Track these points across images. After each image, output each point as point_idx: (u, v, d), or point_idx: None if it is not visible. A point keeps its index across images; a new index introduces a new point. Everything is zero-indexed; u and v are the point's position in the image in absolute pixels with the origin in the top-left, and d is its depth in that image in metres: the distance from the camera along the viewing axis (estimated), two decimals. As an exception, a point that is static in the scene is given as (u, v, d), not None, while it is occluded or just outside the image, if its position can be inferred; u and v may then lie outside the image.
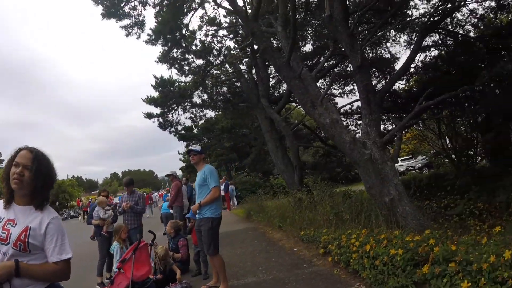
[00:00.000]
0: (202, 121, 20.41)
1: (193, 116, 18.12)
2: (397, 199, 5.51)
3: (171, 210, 8.87)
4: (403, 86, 12.17)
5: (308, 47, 13.55)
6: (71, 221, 27.62)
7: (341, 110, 12.95)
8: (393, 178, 5.73)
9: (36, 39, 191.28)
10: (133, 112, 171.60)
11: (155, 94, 15.86)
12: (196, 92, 15.99)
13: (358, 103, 9.33)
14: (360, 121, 9.98)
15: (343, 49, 7.94)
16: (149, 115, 16.74)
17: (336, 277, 4.58)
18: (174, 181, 8.79)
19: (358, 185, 14.00)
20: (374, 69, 11.88)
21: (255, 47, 12.37)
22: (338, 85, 14.42)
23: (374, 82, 11.72)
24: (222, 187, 18.40)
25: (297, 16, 10.54)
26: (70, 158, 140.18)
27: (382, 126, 11.04)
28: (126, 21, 11.48)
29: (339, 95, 14.81)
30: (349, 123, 14.17)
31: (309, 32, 12.31)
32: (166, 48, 13.45)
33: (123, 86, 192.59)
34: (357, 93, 10.16)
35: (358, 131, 12.87)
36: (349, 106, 12.82)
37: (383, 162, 5.91)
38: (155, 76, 15.42)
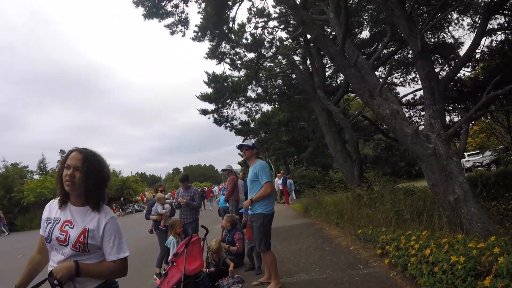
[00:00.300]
0: (258, 115, 20.41)
1: (248, 110, 18.18)
2: (462, 199, 5.01)
3: (227, 204, 9.07)
4: (469, 74, 11.12)
5: (365, 34, 12.84)
6: (135, 215, 28.83)
7: (403, 100, 12.21)
8: (459, 175, 5.21)
9: (94, 48, 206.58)
10: (191, 109, 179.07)
11: (209, 90, 15.93)
12: (250, 86, 15.81)
13: (421, 92, 8.67)
14: (424, 112, 9.27)
15: (402, 34, 7.39)
16: (204, 112, 16.93)
17: (392, 281, 4.32)
18: (230, 175, 8.94)
19: (421, 181, 13.07)
20: (436, 55, 10.92)
21: (308, 36, 11.90)
22: (399, 73, 13.51)
23: (437, 70, 10.77)
24: (280, 181, 18.42)
25: (351, 1, 9.99)
26: (135, 156, 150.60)
27: (447, 118, 10.20)
28: (169, 20, 11.32)
29: (400, 84, 13.85)
30: (412, 114, 13.28)
31: (364, 17, 11.62)
32: (213, 44, 13.21)
33: (178, 84, 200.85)
34: (419, 82, 9.43)
35: (422, 123, 12.00)
36: (412, 95, 12.00)
37: (448, 157, 5.40)
38: (207, 73, 15.46)
